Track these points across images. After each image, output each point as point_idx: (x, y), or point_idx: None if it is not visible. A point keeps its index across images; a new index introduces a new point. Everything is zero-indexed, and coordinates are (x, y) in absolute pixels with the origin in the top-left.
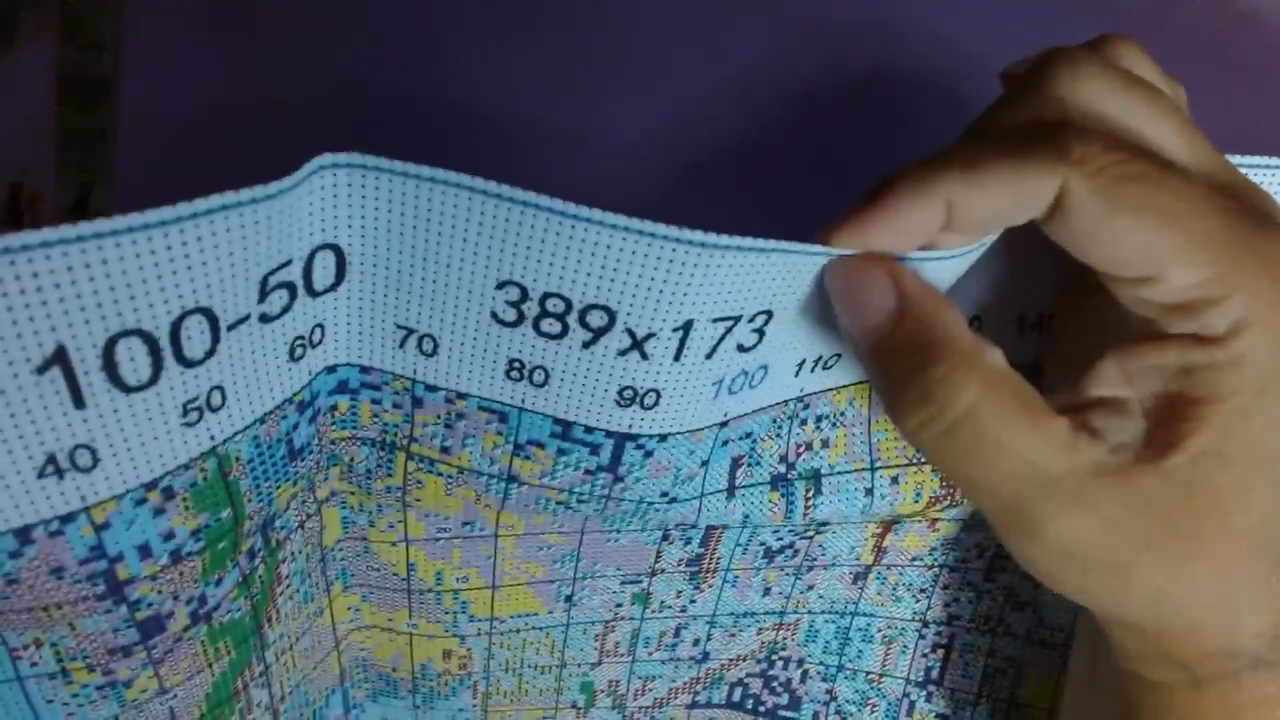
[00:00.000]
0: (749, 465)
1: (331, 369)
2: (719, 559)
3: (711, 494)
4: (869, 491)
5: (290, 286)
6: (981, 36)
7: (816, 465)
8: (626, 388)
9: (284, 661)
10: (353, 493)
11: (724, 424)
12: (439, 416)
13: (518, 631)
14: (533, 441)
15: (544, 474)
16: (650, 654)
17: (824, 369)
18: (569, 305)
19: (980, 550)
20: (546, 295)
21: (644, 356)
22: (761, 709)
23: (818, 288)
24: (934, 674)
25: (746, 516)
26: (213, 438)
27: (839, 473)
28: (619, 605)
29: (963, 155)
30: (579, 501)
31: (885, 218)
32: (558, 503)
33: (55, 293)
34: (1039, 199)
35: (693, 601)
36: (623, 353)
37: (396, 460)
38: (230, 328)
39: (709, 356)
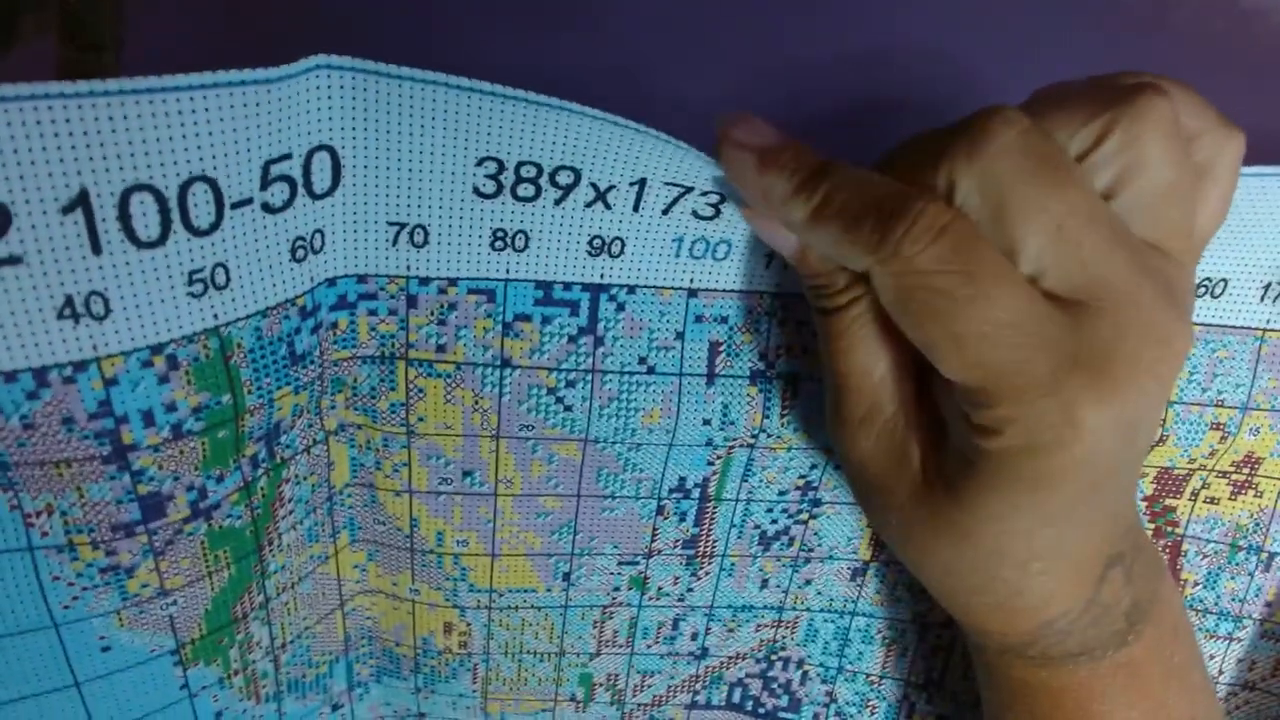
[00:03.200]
0: (727, 354)
1: (332, 282)
2: (714, 542)
3: (690, 375)
4: None
5: (290, 181)
6: (984, 34)
7: (795, 369)
8: (595, 237)
9: (285, 600)
10: (360, 426)
11: (693, 292)
12: (432, 313)
13: (516, 609)
14: (520, 316)
15: (533, 350)
16: (649, 646)
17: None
18: (540, 170)
19: None
20: (521, 163)
21: (607, 206)
22: (761, 711)
23: None
24: (935, 676)
25: (725, 407)
26: (216, 316)
27: (816, 379)
28: (616, 589)
29: (818, 210)
30: (567, 385)
31: (756, 216)
32: (548, 390)
33: (83, 139)
34: (859, 266)
35: (690, 590)
36: (589, 204)
37: (397, 371)
38: (234, 206)
39: (665, 213)
